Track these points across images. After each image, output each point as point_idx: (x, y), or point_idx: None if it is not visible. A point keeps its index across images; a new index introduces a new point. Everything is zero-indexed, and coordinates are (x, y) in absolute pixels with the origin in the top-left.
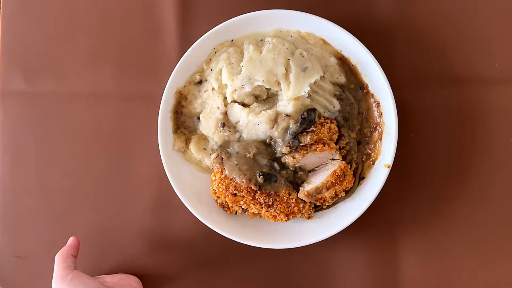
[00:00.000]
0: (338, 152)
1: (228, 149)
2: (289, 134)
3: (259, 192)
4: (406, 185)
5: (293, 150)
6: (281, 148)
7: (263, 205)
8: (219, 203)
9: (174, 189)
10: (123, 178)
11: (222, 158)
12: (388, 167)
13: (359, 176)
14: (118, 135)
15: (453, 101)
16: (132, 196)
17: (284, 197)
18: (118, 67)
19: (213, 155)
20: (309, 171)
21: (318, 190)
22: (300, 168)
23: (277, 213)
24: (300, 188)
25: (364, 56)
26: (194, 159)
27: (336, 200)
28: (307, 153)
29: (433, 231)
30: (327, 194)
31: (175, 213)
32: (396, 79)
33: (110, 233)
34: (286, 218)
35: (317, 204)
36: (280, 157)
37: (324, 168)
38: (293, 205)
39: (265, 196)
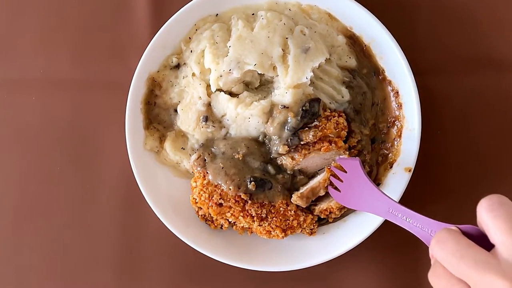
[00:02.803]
0: (348, 152)
1: (212, 149)
2: (287, 130)
3: (250, 201)
4: (431, 193)
5: (292, 150)
6: (278, 148)
7: (255, 218)
8: (201, 215)
9: (145, 197)
10: (83, 184)
11: (205, 160)
12: (410, 171)
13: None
14: (77, 131)
15: (489, 90)
16: (94, 206)
17: (281, 208)
18: (77, 48)
19: (194, 156)
20: (311, 177)
21: (315, 191)
22: (300, 172)
23: (272, 228)
24: (294, 193)
25: (379, 34)
26: (170, 161)
27: (345, 211)
28: (309, 153)
29: None
30: (334, 204)
31: (146, 227)
32: (419, 63)
33: (66, 250)
34: (283, 234)
35: (322, 217)
36: (275, 158)
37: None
38: (291, 218)
39: (257, 207)
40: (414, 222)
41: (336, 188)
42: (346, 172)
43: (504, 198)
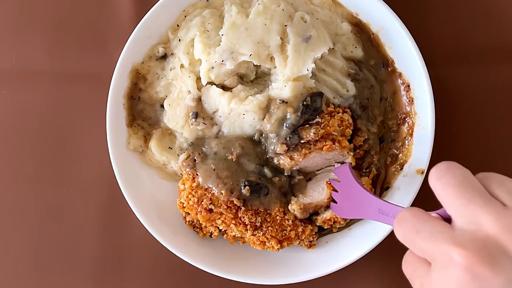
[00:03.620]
0: (352, 153)
1: (203, 148)
2: (286, 127)
3: (243, 208)
4: None
5: (291, 149)
6: (275, 147)
7: (248, 227)
8: (188, 221)
9: (128, 202)
10: (59, 188)
11: (195, 160)
12: (422, 173)
13: (381, 186)
14: (52, 129)
15: (511, 82)
16: (72, 212)
17: (277, 217)
18: (52, 37)
19: (182, 156)
20: (309, 179)
21: (317, 207)
22: (299, 172)
23: (267, 238)
24: (292, 198)
25: (389, 22)
26: (156, 162)
27: (351, 220)
28: (309, 152)
29: None
30: None
31: (129, 234)
32: (433, 53)
33: (41, 262)
34: (279, 245)
35: (325, 228)
36: (272, 158)
37: (327, 174)
38: (288, 228)
39: (251, 215)
40: None
41: (333, 200)
42: (339, 181)
43: (451, 163)
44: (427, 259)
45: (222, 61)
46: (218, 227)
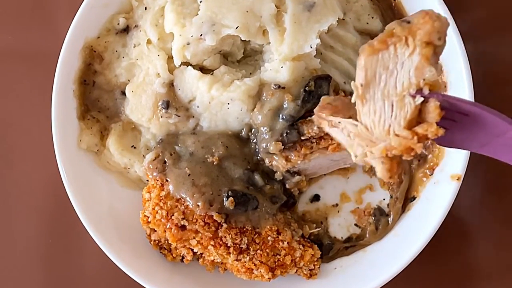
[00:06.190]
0: None
1: (176, 147)
2: (283, 119)
3: (225, 225)
4: (490, 210)
5: (287, 147)
6: (267, 144)
7: (231, 249)
8: (154, 240)
9: (80, 216)
10: None
11: (165, 162)
12: (458, 179)
13: (405, 196)
14: None
15: None
16: (11, 228)
17: (269, 238)
18: None
19: (149, 156)
20: (310, 178)
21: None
22: (296, 173)
23: (255, 265)
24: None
25: None
26: (116, 165)
27: (366, 239)
28: (311, 153)
29: None
30: None
31: (81, 256)
32: (472, 24)
33: None
34: (270, 274)
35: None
36: (262, 159)
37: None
38: (283, 252)
39: (236, 234)
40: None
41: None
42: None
43: None
44: None
45: (201, 35)
46: (192, 249)
